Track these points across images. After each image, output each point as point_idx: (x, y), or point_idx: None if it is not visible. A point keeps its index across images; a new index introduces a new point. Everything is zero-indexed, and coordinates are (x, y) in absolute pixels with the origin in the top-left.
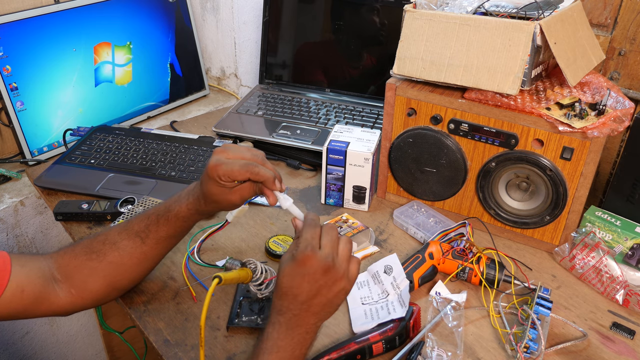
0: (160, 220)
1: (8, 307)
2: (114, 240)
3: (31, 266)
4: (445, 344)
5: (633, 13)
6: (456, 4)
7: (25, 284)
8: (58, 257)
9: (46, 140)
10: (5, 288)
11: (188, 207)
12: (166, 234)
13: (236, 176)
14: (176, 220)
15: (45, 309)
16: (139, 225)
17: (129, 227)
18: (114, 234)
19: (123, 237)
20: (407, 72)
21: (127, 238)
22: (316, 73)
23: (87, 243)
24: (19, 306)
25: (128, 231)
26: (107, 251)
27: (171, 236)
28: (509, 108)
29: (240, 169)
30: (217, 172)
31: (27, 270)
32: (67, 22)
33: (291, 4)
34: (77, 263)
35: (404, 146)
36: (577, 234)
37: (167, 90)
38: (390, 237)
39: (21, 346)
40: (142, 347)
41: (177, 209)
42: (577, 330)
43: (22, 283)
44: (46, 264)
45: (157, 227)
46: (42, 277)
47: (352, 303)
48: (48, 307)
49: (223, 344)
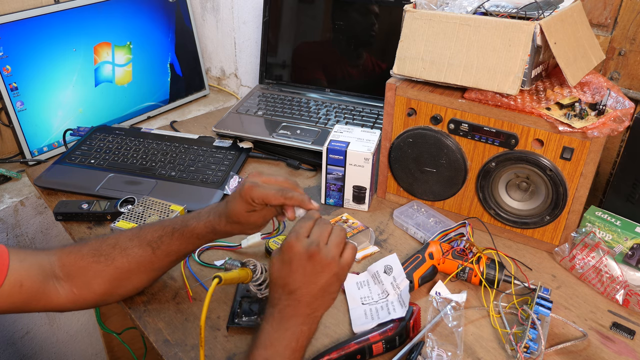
0: (175, 233)
1: (7, 301)
2: (124, 246)
3: (31, 261)
4: (445, 344)
5: (633, 13)
6: (456, 4)
7: (24, 279)
8: (62, 255)
9: (46, 140)
10: (3, 281)
11: (206, 225)
12: (178, 248)
13: (271, 200)
14: (190, 237)
15: (44, 304)
16: (152, 235)
17: (142, 235)
18: (125, 239)
19: (134, 244)
20: (407, 72)
21: (138, 246)
22: (316, 73)
23: (96, 245)
24: (18, 300)
25: (140, 239)
26: (116, 256)
27: (182, 251)
28: (509, 108)
29: (276, 194)
30: (251, 194)
31: (27, 265)
32: (67, 22)
33: (291, 4)
34: (83, 264)
35: (404, 146)
36: (577, 234)
37: (167, 90)
38: (390, 237)
39: (21, 346)
40: (140, 348)
41: (194, 224)
42: (577, 330)
43: (21, 277)
44: (47, 260)
45: (170, 240)
46: (41, 273)
47: (352, 303)
48: (47, 303)
49: (223, 344)
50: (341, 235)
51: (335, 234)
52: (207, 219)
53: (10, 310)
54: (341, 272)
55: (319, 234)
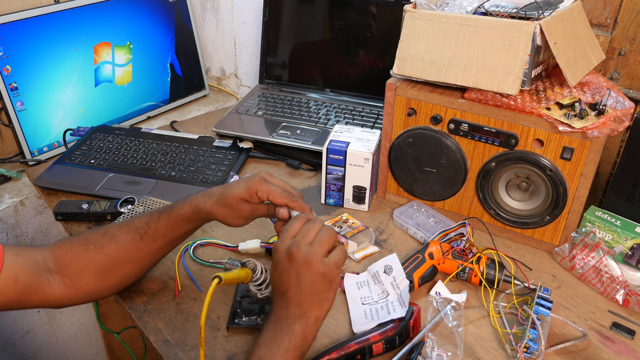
0: (161, 216)
1: (2, 297)
2: (113, 234)
3: (25, 256)
4: (445, 344)
5: (633, 13)
6: (456, 4)
7: (19, 273)
8: (55, 249)
9: (46, 140)
10: None
11: (191, 204)
12: (164, 231)
13: (274, 198)
14: (176, 218)
15: (38, 299)
16: (140, 222)
17: (131, 223)
18: (114, 227)
19: (123, 231)
20: (407, 72)
21: (127, 232)
22: (316, 73)
23: (87, 235)
24: (13, 296)
25: (129, 226)
26: (105, 243)
27: (169, 235)
28: (509, 108)
29: (282, 194)
30: (258, 187)
31: (21, 260)
32: (67, 22)
33: (291, 4)
34: (74, 253)
35: (404, 146)
36: (577, 234)
37: (167, 90)
38: (390, 237)
39: (21, 346)
40: (140, 348)
41: (179, 205)
42: (577, 330)
43: (15, 272)
44: (41, 255)
45: (156, 224)
46: (35, 267)
47: (352, 303)
48: (41, 298)
49: (223, 344)
50: (327, 235)
51: (322, 233)
52: (194, 199)
53: (5, 306)
54: (328, 272)
55: (304, 234)
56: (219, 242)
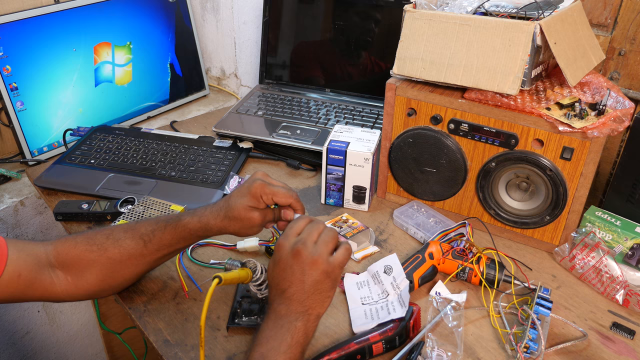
0: (167, 227)
1: (6, 291)
2: (117, 237)
3: (28, 251)
4: (445, 344)
5: (633, 13)
6: (456, 4)
7: (22, 268)
8: (58, 245)
9: (46, 140)
10: (2, 272)
11: (200, 220)
12: (169, 242)
13: (280, 198)
14: (182, 231)
15: (40, 293)
16: (145, 228)
17: (136, 228)
18: (119, 230)
19: (127, 236)
20: (407, 72)
21: (131, 238)
22: (316, 73)
23: (91, 235)
24: (16, 290)
25: (134, 231)
26: (109, 246)
27: (174, 246)
28: (509, 108)
29: (286, 193)
30: (262, 190)
31: (24, 255)
32: (67, 22)
33: (291, 4)
34: (77, 252)
35: (404, 146)
36: (577, 234)
37: (167, 90)
38: (390, 237)
39: (21, 346)
40: (141, 348)
41: (187, 219)
42: (577, 330)
43: (19, 267)
44: (44, 250)
45: (162, 234)
46: (38, 262)
47: (352, 303)
48: (44, 292)
49: (223, 344)
50: (331, 235)
51: (325, 233)
52: (203, 215)
53: (9, 299)
54: (332, 271)
55: (308, 233)
56: (217, 242)
